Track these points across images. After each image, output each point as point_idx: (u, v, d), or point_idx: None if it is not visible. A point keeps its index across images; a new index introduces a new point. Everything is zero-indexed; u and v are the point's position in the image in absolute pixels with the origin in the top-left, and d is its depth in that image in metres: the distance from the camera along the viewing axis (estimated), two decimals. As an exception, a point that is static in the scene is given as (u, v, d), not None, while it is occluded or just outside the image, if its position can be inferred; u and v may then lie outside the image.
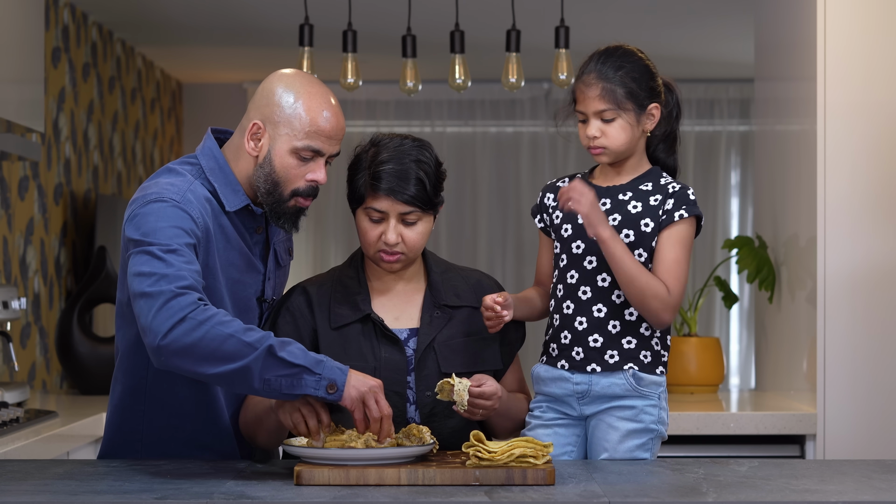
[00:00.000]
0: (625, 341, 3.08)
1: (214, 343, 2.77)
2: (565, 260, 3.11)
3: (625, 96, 3.07)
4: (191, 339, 2.77)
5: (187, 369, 2.80)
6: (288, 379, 2.80)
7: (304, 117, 3.01)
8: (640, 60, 3.11)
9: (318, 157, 3.04)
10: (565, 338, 3.10)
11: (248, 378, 2.79)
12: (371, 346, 3.12)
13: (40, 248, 5.43)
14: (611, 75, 3.07)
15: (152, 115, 7.54)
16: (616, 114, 3.07)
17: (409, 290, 3.21)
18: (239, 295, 3.09)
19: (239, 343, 2.78)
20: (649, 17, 6.45)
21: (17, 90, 4.11)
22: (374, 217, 3.10)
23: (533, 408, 3.18)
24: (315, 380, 2.80)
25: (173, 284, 2.80)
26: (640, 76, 3.09)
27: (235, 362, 2.77)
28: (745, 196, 8.56)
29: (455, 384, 2.93)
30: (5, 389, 4.12)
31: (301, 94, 3.03)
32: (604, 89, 3.06)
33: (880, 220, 4.19)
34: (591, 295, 3.07)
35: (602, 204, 3.08)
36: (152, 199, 2.95)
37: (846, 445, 4.18)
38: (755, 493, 2.66)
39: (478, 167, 8.63)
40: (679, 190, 3.13)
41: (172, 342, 2.77)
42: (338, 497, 2.59)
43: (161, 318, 2.78)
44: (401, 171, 3.08)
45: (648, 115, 3.11)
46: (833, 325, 4.20)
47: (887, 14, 4.20)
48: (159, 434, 3.11)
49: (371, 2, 5.78)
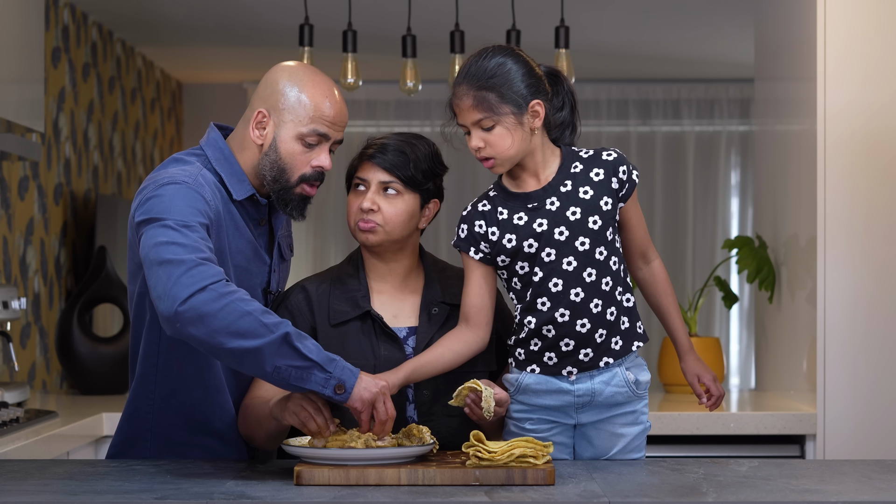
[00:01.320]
0: (621, 323, 3.06)
1: (232, 317, 2.77)
2: (541, 272, 3.01)
3: (498, 100, 2.97)
4: (210, 308, 2.76)
5: (201, 339, 2.78)
6: (298, 371, 2.80)
7: (308, 104, 3.05)
8: (511, 60, 2.99)
9: (323, 143, 3.07)
10: (567, 345, 3.02)
11: (260, 360, 2.78)
12: (370, 343, 3.12)
13: (40, 248, 5.43)
14: (480, 82, 2.97)
15: (152, 115, 7.54)
16: (494, 120, 2.97)
17: (408, 288, 3.22)
18: (245, 284, 3.10)
19: (256, 322, 2.77)
20: (649, 17, 6.45)
21: (17, 90, 4.11)
22: (358, 186, 3.15)
23: (521, 419, 3.09)
24: (325, 378, 2.81)
25: (195, 254, 2.81)
26: (514, 78, 2.98)
27: (250, 340, 2.77)
28: (745, 196, 8.56)
29: (483, 391, 2.92)
30: (5, 389, 4.12)
31: (305, 82, 3.07)
32: (475, 98, 2.97)
33: (880, 220, 4.19)
34: (584, 294, 3.01)
35: (550, 203, 3.01)
36: (165, 182, 2.98)
37: (846, 445, 4.18)
38: (755, 493, 2.66)
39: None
40: (618, 155, 3.07)
41: (191, 309, 2.76)
42: (338, 497, 2.59)
43: (182, 283, 2.77)
44: (389, 144, 3.16)
45: (532, 113, 3.00)
46: (833, 325, 4.20)
47: (887, 14, 4.20)
48: (170, 421, 3.12)
49: (371, 2, 5.78)
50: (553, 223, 3.01)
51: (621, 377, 3.06)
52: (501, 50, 3.01)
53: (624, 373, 3.06)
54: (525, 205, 3.03)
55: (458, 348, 3.07)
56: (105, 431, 4.20)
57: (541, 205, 3.02)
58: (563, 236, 3.01)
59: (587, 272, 3.01)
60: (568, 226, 3.01)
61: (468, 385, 2.94)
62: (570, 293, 3.01)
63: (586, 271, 3.02)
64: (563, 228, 3.01)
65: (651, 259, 3.16)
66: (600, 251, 3.02)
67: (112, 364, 5.04)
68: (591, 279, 3.02)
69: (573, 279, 3.01)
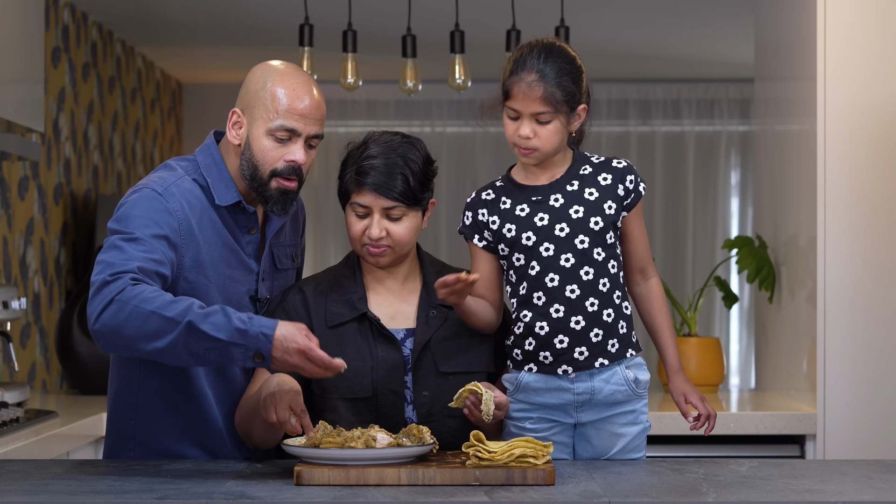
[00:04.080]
0: (619, 327, 3.06)
1: (138, 322, 2.80)
2: (537, 266, 3.03)
3: (562, 99, 3.00)
4: (117, 321, 2.81)
5: (123, 349, 2.86)
6: (216, 352, 2.81)
7: (277, 98, 3.05)
8: (574, 61, 3.04)
9: (295, 138, 3.06)
10: (561, 342, 3.03)
11: (179, 353, 2.82)
12: (368, 345, 3.11)
13: (40, 248, 5.43)
14: (552, 77, 2.99)
15: (152, 115, 7.54)
16: (553, 116, 3.00)
17: (405, 290, 3.20)
18: (231, 291, 3.11)
19: (160, 319, 2.79)
20: (649, 17, 6.45)
21: (17, 90, 4.11)
22: (359, 212, 3.11)
23: (520, 418, 3.10)
24: (242, 351, 2.81)
25: (108, 272, 2.85)
26: (576, 78, 3.02)
27: (162, 339, 2.80)
28: (745, 196, 8.56)
29: (484, 394, 2.92)
30: (5, 389, 4.12)
31: (275, 79, 3.07)
32: (546, 92, 2.99)
33: (880, 220, 4.19)
34: (580, 291, 3.02)
35: (554, 200, 3.04)
36: (136, 189, 3.04)
37: (846, 445, 4.18)
38: (755, 493, 2.66)
39: (478, 167, 8.63)
40: (628, 164, 3.10)
41: (103, 326, 2.82)
42: (338, 497, 2.59)
43: (93, 304, 2.84)
44: (385, 165, 3.08)
45: (577, 117, 3.05)
46: (833, 325, 4.19)
47: (887, 14, 4.20)
48: (151, 426, 3.12)
49: (371, 2, 5.78)
50: (555, 219, 3.03)
51: (621, 375, 3.06)
52: (566, 49, 3.05)
53: (624, 371, 3.07)
54: (529, 197, 3.06)
55: (483, 305, 3.11)
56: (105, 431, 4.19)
57: (545, 199, 3.05)
58: (563, 233, 3.02)
59: (584, 270, 3.02)
60: (569, 223, 3.03)
61: (469, 387, 2.94)
62: (566, 289, 3.02)
63: (583, 269, 3.02)
64: (563, 225, 3.02)
65: (650, 276, 3.16)
66: (598, 252, 3.03)
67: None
68: (588, 278, 3.02)
69: (570, 276, 3.02)
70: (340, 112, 8.50)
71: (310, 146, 3.09)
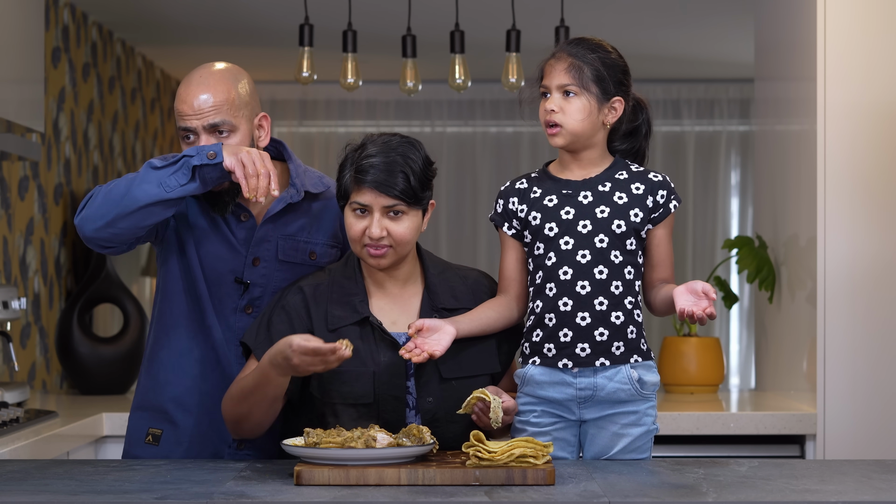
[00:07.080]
0: (628, 331, 3.06)
1: (110, 194, 3.08)
2: (554, 258, 3.06)
3: (591, 77, 3.05)
4: (96, 202, 3.10)
5: (102, 226, 3.09)
6: (177, 172, 3.06)
7: (175, 104, 3.25)
8: (613, 53, 3.10)
9: (194, 136, 3.20)
10: (565, 336, 3.05)
11: (149, 194, 3.05)
12: (370, 349, 3.10)
13: (40, 248, 5.43)
14: (581, 54, 3.06)
15: (152, 115, 7.54)
16: (579, 90, 3.04)
17: (407, 292, 3.19)
18: (214, 268, 3.25)
19: (123, 180, 3.09)
20: (649, 17, 6.45)
21: (17, 90, 4.11)
22: (358, 211, 3.09)
23: (525, 412, 3.10)
24: (197, 155, 3.05)
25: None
26: (611, 65, 3.07)
27: (129, 193, 3.06)
28: (745, 196, 8.56)
29: (492, 401, 2.92)
30: (5, 389, 4.11)
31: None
32: (571, 65, 3.05)
33: (880, 220, 4.19)
34: (591, 289, 3.04)
35: (584, 196, 3.07)
36: None
37: (846, 445, 4.18)
38: (755, 493, 2.66)
39: (478, 167, 8.63)
40: (663, 179, 3.13)
41: (84, 215, 3.11)
42: (338, 497, 2.59)
43: (80, 205, 3.15)
44: (385, 164, 3.06)
45: (611, 108, 3.08)
46: (833, 325, 4.20)
47: (887, 14, 4.20)
48: (175, 401, 3.28)
49: (371, 2, 5.78)
50: (580, 215, 3.06)
51: (625, 374, 3.06)
52: (604, 43, 3.11)
53: (628, 370, 3.06)
54: (560, 190, 3.09)
55: (498, 308, 3.15)
56: (105, 431, 4.20)
57: (574, 194, 3.08)
58: (585, 229, 3.05)
59: (599, 269, 3.04)
60: (593, 221, 3.06)
61: (476, 394, 2.95)
62: (577, 284, 3.04)
63: (598, 268, 3.04)
64: (587, 222, 3.06)
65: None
66: (616, 254, 3.05)
67: (112, 364, 5.04)
68: (602, 277, 3.04)
69: (583, 272, 3.04)
70: (340, 112, 8.50)
71: (220, 132, 3.18)
